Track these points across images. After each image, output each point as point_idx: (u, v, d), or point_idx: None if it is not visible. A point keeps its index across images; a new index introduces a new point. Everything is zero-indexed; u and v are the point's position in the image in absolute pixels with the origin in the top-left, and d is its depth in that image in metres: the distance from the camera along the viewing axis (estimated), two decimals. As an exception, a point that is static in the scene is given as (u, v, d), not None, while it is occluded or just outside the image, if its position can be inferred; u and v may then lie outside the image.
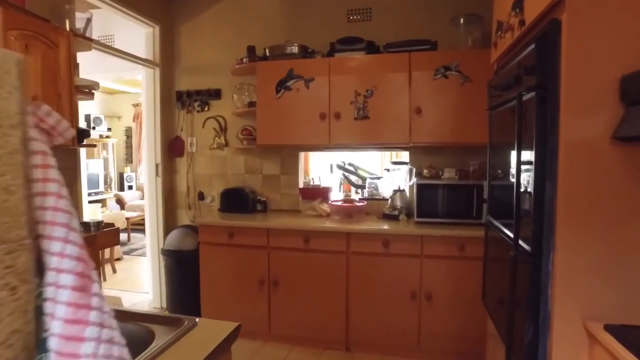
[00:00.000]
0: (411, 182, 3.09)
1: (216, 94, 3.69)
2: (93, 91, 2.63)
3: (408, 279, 2.74)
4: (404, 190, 3.18)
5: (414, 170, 3.10)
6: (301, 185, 3.55)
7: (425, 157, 3.22)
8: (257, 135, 3.24)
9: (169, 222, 3.80)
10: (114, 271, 4.93)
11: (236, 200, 3.46)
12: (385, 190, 3.47)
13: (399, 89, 2.92)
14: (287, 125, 3.16)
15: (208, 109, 3.73)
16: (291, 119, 3.14)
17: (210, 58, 3.70)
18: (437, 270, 2.70)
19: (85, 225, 2.45)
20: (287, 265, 2.96)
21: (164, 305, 3.69)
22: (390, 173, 3.31)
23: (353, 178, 3.79)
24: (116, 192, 7.76)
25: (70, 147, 2.49)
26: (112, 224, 2.59)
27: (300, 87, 3.10)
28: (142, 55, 3.56)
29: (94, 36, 3.33)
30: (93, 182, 7.49)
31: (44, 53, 2.15)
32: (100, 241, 2.39)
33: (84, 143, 2.62)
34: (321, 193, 3.46)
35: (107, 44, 3.51)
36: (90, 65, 4.19)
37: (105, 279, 4.64)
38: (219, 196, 3.58)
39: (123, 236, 5.51)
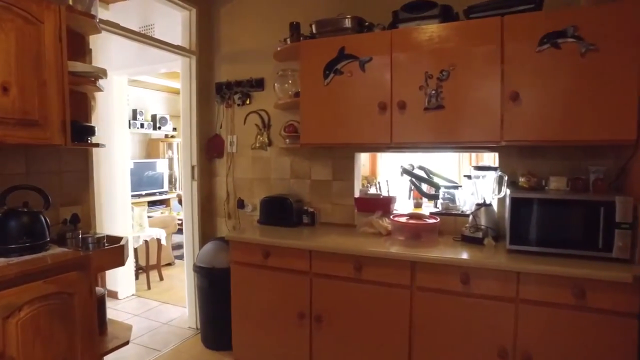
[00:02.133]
0: (501, 195, 2.29)
1: (258, 84, 3.14)
2: (99, 80, 2.18)
3: (496, 331, 1.96)
4: (490, 205, 2.38)
5: (506, 178, 2.29)
6: (357, 194, 2.88)
7: (522, 160, 2.40)
8: (301, 132, 2.63)
9: (206, 233, 3.34)
10: (161, 278, 4.64)
11: (278, 210, 2.89)
12: (465, 203, 2.69)
13: (486, 68, 2.14)
14: (337, 119, 2.51)
15: (250, 102, 3.20)
16: (342, 111, 2.49)
17: (252, 42, 3.16)
18: (540, 324, 1.89)
19: (83, 242, 2.01)
20: (334, 297, 2.32)
21: (199, 326, 3.24)
22: (472, 181, 2.52)
23: (424, 186, 3.04)
24: (179, 192, 7.65)
25: (61, 146, 2.07)
26: (118, 239, 2.13)
27: (354, 70, 2.43)
28: (180, 44, 3.12)
29: (133, 27, 2.94)
30: (158, 182, 7.45)
31: (19, 28, 1.71)
32: (97, 262, 1.92)
33: (90, 142, 2.19)
34: (381, 204, 2.76)
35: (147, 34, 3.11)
36: (129, 59, 3.89)
37: (149, 287, 4.35)
38: (260, 204, 3.04)
39: (178, 238, 5.23)
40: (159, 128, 7.50)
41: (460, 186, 2.79)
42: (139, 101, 7.41)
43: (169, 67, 3.69)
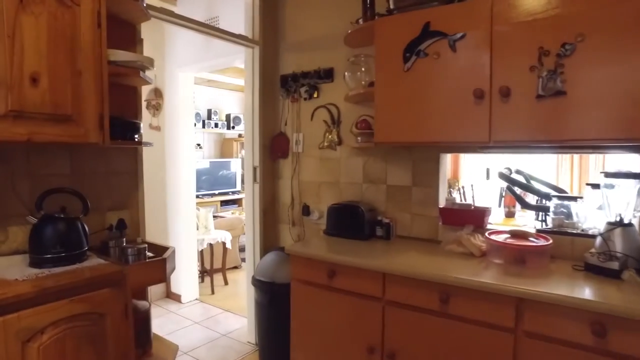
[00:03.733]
0: (650, 212, 1.67)
1: (327, 74, 2.76)
2: (146, 72, 1.94)
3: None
4: (631, 225, 1.76)
5: (657, 189, 1.66)
6: (442, 204, 2.38)
7: (681, 164, 1.74)
8: (375, 129, 2.20)
9: (268, 241, 3.04)
10: (226, 282, 4.47)
11: (348, 220, 2.48)
12: (586, 219, 2.07)
13: (629, 38, 1.55)
14: (419, 112, 2.04)
15: (317, 96, 2.84)
16: (426, 102, 2.02)
17: (320, 28, 2.79)
18: None
19: (122, 253, 1.77)
20: (412, 332, 1.86)
21: (258, 342, 2.94)
22: (600, 191, 1.91)
23: (523, 196, 2.46)
24: (250, 191, 7.57)
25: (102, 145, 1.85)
26: (163, 249, 1.87)
27: (441, 51, 1.95)
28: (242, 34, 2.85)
29: (198, 18, 2.73)
30: (231, 182, 7.46)
31: (51, 11, 1.50)
32: (134, 278, 1.67)
33: (137, 140, 1.96)
34: (473, 217, 2.24)
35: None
36: (194, 55, 3.73)
37: (213, 292, 4.19)
38: (327, 212, 2.66)
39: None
40: (233, 127, 7.50)
41: (581, 197, 2.16)
42: (214, 101, 7.46)
43: (232, 62, 3.45)
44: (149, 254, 1.98)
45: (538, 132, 1.76)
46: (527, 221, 2.70)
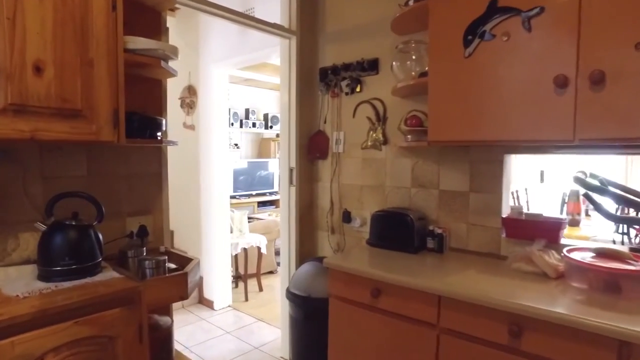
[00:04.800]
0: None
1: (371, 66, 2.47)
2: (169, 62, 1.74)
3: None
4: None
5: None
6: (506, 213, 2.03)
7: None
8: (429, 126, 1.89)
9: (304, 249, 2.78)
10: (260, 289, 4.26)
11: (394, 229, 2.19)
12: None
13: None
14: (481, 105, 1.72)
15: (360, 90, 2.55)
16: (490, 93, 1.69)
17: (364, 14, 2.50)
18: None
19: (139, 265, 1.57)
20: (474, 369, 1.55)
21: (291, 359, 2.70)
22: None
23: (603, 204, 2.06)
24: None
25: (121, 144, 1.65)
26: (187, 260, 1.66)
27: (512, 31, 1.62)
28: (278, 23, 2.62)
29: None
30: (269, 182, 7.31)
31: (59, -8, 1.31)
32: (150, 295, 1.46)
33: (159, 138, 1.76)
34: (545, 230, 1.88)
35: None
36: (229, 49, 3.54)
37: (247, 298, 3.99)
38: (370, 219, 2.38)
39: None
40: (271, 127, 7.36)
41: (687, 209, 1.76)
42: (251, 100, 7.33)
43: (268, 56, 3.23)
44: (171, 265, 1.78)
45: (641, 128, 1.39)
46: (596, 232, 2.33)
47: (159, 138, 1.77)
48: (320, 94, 2.75)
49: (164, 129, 1.76)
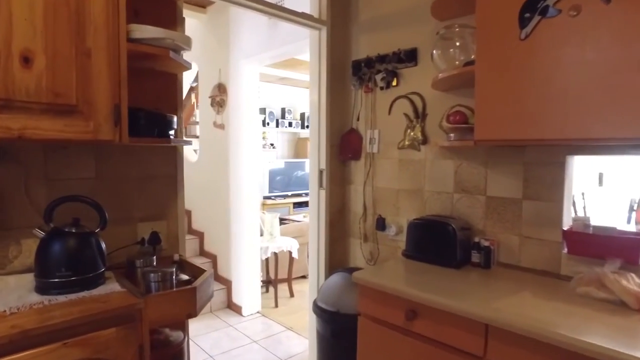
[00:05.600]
0: None
1: (409, 56, 2.22)
2: (182, 53, 1.58)
3: None
4: None
5: None
6: (568, 225, 1.72)
7: None
8: (476, 122, 1.63)
9: (335, 258, 2.57)
10: (291, 294, 4.09)
11: (434, 240, 1.93)
12: None
13: None
14: (541, 97, 1.43)
15: (397, 84, 2.31)
16: (553, 81, 1.40)
17: (401, 0, 2.26)
18: None
19: (144, 278, 1.41)
20: (530, 417, 1.27)
21: (322, 379, 2.49)
22: None
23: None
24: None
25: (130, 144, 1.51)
26: (201, 271, 1.49)
27: (583, 5, 1.33)
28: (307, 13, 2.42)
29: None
30: (305, 183, 7.16)
31: (48, -29, 1.17)
32: (153, 312, 1.30)
33: (172, 137, 1.60)
34: (621, 247, 1.56)
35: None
36: (259, 44, 3.38)
37: (277, 305, 3.82)
38: (407, 228, 2.14)
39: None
40: (307, 127, 7.19)
41: None
42: (288, 99, 7.20)
43: (299, 49, 3.04)
44: (184, 277, 1.62)
45: None
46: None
47: (171, 137, 1.61)
48: (353, 89, 2.53)
49: (175, 127, 1.60)
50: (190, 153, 4.41)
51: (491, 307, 1.39)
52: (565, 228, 1.70)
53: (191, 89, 4.85)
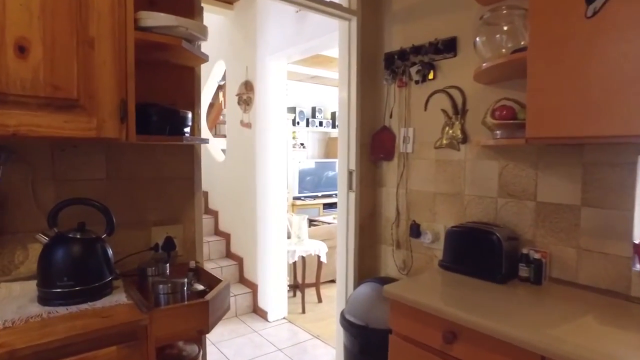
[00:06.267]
0: None
1: (448, 46, 2.02)
2: (198, 44, 1.45)
3: None
4: None
5: None
6: (639, 236, 1.47)
7: None
8: (528, 117, 1.41)
9: (364, 266, 2.39)
10: (319, 299, 3.93)
11: (476, 250, 1.73)
12: None
13: None
14: (610, 86, 1.21)
15: (434, 77, 2.10)
16: (626, 67, 1.17)
17: (440, -16, 2.06)
18: None
19: (153, 289, 1.28)
20: None
21: (350, 395, 2.32)
22: None
23: None
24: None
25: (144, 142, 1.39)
26: (216, 281, 1.35)
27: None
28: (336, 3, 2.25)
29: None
30: (336, 184, 7.00)
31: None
32: (162, 328, 1.18)
33: (186, 135, 1.48)
34: None
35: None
36: (286, 39, 3.25)
37: (304, 311, 3.67)
38: (445, 235, 1.94)
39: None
40: (338, 127, 6.99)
41: None
42: (318, 98, 7.06)
43: (328, 43, 2.87)
44: (199, 287, 1.49)
45: None
46: None
47: (186, 135, 1.49)
48: (386, 83, 2.34)
49: (190, 124, 1.47)
50: (217, 152, 4.34)
51: (548, 334, 1.17)
52: (636, 241, 1.45)
53: (219, 88, 4.78)
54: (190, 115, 1.48)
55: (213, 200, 4.35)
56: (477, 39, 1.71)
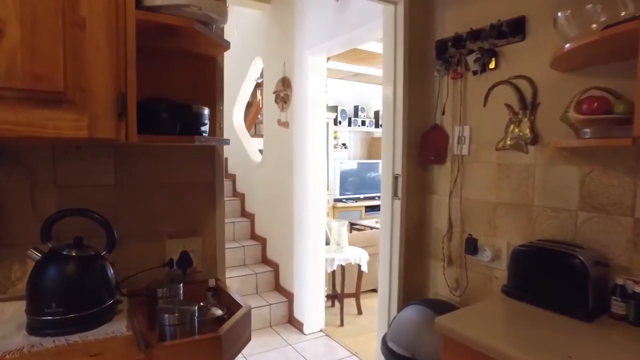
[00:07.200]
0: None
1: (514, 29, 1.69)
2: (216, 27, 1.23)
3: None
4: None
5: None
6: None
7: None
8: (638, 109, 1.08)
9: (410, 285, 2.09)
10: (359, 311, 3.65)
11: (551, 276, 1.40)
12: None
13: None
14: None
15: (495, 67, 1.78)
16: None
17: (506, -46, 1.73)
18: None
19: (159, 317, 1.08)
20: None
21: None
22: None
23: None
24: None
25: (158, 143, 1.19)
26: (236, 306, 1.14)
27: None
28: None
29: None
30: (379, 185, 6.69)
31: None
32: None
33: (204, 134, 1.27)
34: None
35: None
36: (325, 32, 3.00)
37: (342, 323, 3.41)
38: (508, 254, 1.62)
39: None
40: (382, 126, 6.68)
41: None
42: (361, 97, 6.77)
43: (371, 32, 2.58)
44: (217, 312, 1.28)
45: None
46: None
47: (204, 134, 1.27)
48: (437, 75, 2.03)
49: (206, 121, 1.26)
50: (255, 153, 4.17)
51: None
52: None
53: (257, 86, 4.61)
54: (206, 112, 1.26)
55: (249, 203, 4.19)
56: (559, 14, 1.37)
